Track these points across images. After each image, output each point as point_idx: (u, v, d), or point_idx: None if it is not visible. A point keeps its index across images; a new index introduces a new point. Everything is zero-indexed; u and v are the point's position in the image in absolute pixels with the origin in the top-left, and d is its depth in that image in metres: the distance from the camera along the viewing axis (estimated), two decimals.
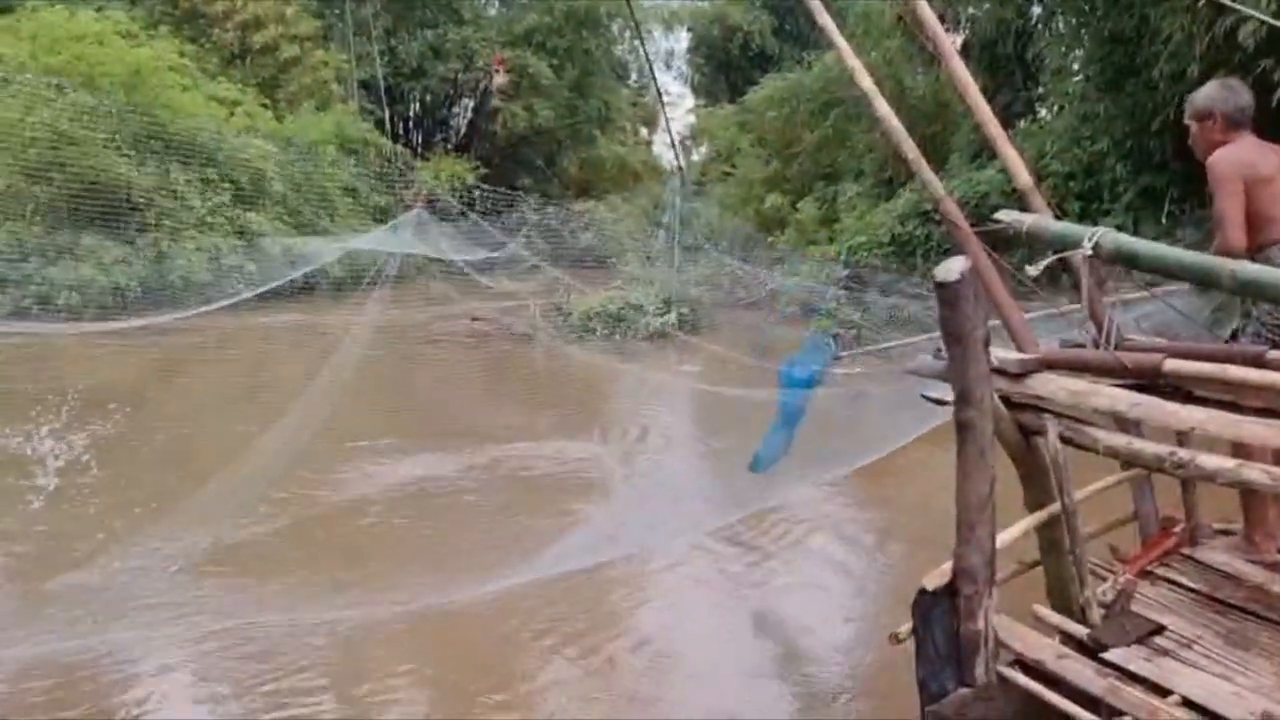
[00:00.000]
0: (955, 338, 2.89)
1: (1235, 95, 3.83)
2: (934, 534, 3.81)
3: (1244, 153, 3.69)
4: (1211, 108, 3.82)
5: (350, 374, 8.23)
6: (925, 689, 3.14)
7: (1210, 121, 3.82)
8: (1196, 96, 3.92)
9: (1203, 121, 3.86)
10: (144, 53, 18.58)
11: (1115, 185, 13.05)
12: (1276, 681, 2.88)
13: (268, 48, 26.19)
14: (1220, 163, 3.66)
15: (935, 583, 3.08)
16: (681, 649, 4.96)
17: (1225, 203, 3.59)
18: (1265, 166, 3.66)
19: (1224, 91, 3.85)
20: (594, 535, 6.26)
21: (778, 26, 34.92)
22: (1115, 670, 2.96)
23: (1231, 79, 4.06)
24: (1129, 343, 3.40)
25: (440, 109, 34.72)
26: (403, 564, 5.71)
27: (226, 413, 9.68)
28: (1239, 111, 3.79)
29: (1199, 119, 3.87)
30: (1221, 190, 3.61)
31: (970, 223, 3.56)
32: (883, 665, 4.31)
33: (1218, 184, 3.63)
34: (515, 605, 5.10)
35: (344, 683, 4.47)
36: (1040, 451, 3.23)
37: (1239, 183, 3.58)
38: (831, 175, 21.15)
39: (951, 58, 4.06)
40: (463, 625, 5.04)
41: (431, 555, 5.85)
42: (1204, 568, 3.74)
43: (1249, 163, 3.65)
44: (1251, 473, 2.56)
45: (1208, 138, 3.82)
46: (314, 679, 4.48)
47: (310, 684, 4.44)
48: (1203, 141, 3.85)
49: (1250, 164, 3.65)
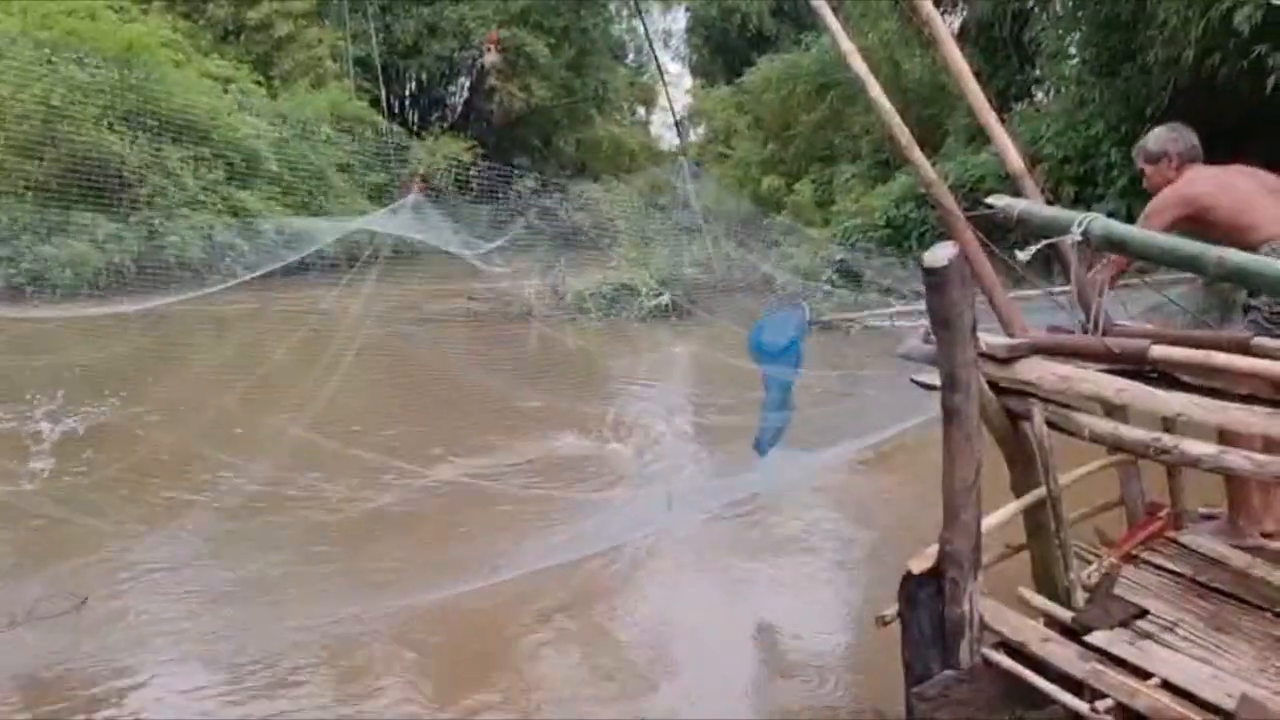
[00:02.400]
0: (942, 323, 2.90)
1: (1185, 136, 4.11)
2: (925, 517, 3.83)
3: (1190, 188, 3.95)
4: (1165, 149, 4.10)
5: (354, 361, 8.20)
6: (910, 671, 3.17)
7: (1165, 162, 4.09)
8: (1148, 142, 4.19)
9: (1157, 164, 4.12)
10: (136, 28, 18.51)
11: (1110, 170, 13.05)
12: (1256, 665, 2.91)
13: (262, 24, 26.07)
14: (1163, 196, 3.97)
15: (921, 566, 3.11)
16: (673, 630, 4.99)
17: (1144, 225, 3.79)
18: (1226, 185, 3.91)
19: (1174, 134, 4.13)
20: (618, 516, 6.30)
21: (776, 7, 34.79)
22: (1098, 653, 2.99)
23: (1175, 122, 4.30)
24: (1117, 328, 3.42)
25: (436, 87, 34.62)
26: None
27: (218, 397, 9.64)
28: (1190, 149, 4.08)
29: (1153, 161, 4.14)
30: (1151, 219, 3.89)
31: (966, 206, 3.59)
32: (870, 646, 4.34)
33: (1150, 214, 3.93)
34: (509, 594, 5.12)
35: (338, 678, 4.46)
36: (1026, 436, 3.25)
37: (1174, 216, 3.87)
38: (828, 157, 21.15)
39: (946, 42, 4.05)
40: (459, 618, 5.05)
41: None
42: (1188, 552, 3.77)
43: (1193, 197, 3.90)
44: (1234, 458, 2.59)
45: (1164, 178, 4.08)
46: (306, 675, 4.46)
47: (302, 679, 4.42)
48: (1159, 182, 4.10)
49: (1197, 194, 3.90)
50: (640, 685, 4.40)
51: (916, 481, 6.03)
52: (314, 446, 6.83)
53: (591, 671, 4.56)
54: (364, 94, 26.97)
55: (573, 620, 5.00)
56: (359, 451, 6.94)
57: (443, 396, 8.67)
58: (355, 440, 7.48)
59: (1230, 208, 3.83)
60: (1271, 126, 8.57)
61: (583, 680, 4.48)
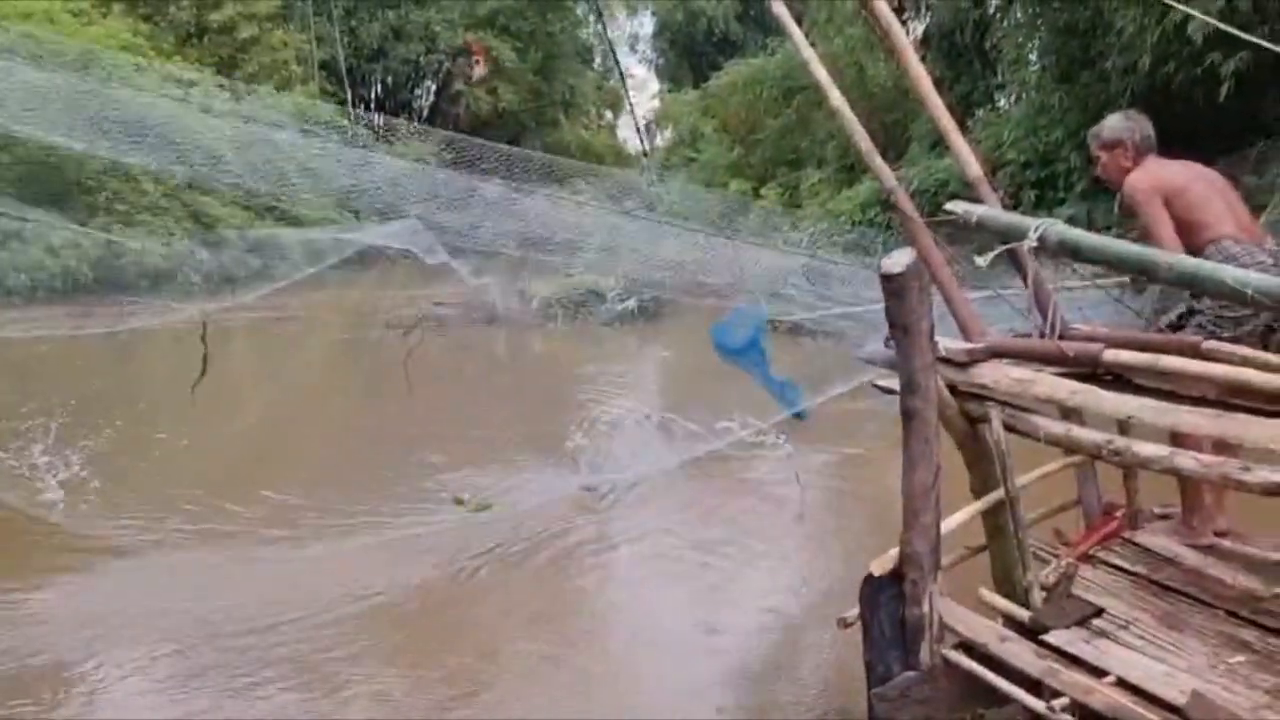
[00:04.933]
0: (901, 328, 2.94)
1: (1140, 125, 4.11)
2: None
3: (1157, 171, 3.96)
4: (1120, 137, 4.10)
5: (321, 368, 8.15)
6: (872, 671, 3.21)
7: (1120, 149, 4.09)
8: (1103, 129, 4.19)
9: (1112, 150, 4.12)
10: (96, 31, 18.24)
11: (1070, 174, 13.26)
12: (1207, 662, 2.97)
13: (225, 27, 25.79)
14: (1139, 186, 3.92)
15: (882, 569, 3.14)
16: (637, 627, 5.03)
17: (1154, 226, 3.83)
18: (1178, 179, 3.93)
19: (1129, 122, 4.14)
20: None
21: (741, 12, 34.99)
22: (1055, 652, 3.03)
23: (1131, 110, 4.34)
24: (1073, 332, 3.48)
25: (402, 91, 34.41)
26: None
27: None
28: (1145, 139, 4.07)
29: (1108, 148, 4.14)
30: (1146, 212, 3.87)
31: (930, 211, 3.64)
32: (832, 647, 4.38)
33: (1140, 207, 3.90)
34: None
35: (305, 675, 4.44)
36: (985, 439, 3.29)
37: (1159, 200, 3.84)
38: (795, 161, 21.27)
39: (906, 51, 4.10)
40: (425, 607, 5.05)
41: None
42: (1143, 551, 3.84)
43: (1163, 179, 3.91)
44: (1183, 460, 2.64)
45: (1118, 164, 4.08)
46: (273, 673, 4.44)
47: (270, 676, 4.40)
48: (1114, 169, 4.11)
49: (1164, 180, 3.91)
50: (598, 684, 4.41)
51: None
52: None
53: (552, 668, 4.58)
54: (329, 98, 26.74)
55: (537, 615, 5.02)
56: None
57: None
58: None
59: (1188, 202, 3.86)
60: (1224, 132, 8.75)
61: (536, 675, 4.49)
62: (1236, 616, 3.26)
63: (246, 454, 7.68)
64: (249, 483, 6.85)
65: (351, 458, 7.86)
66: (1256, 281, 2.61)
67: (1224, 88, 9.46)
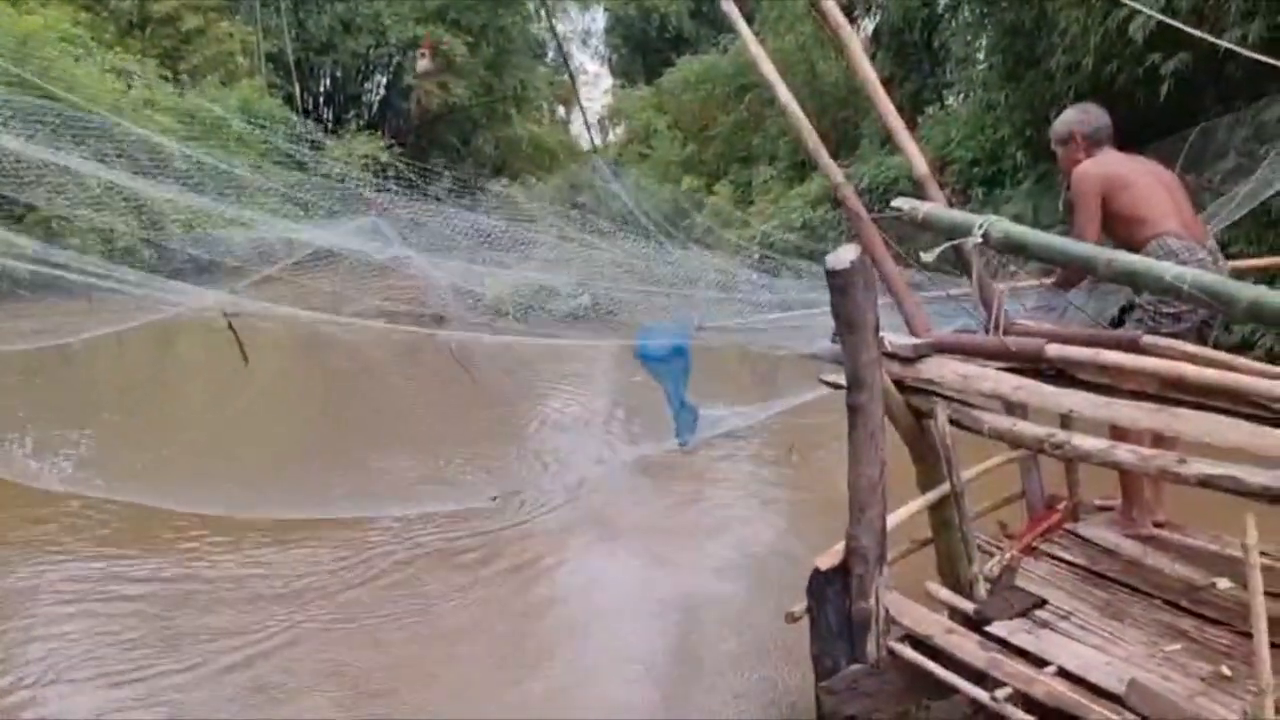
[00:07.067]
0: (847, 324, 2.96)
1: (1091, 117, 4.18)
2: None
3: (1105, 164, 4.03)
4: (1070, 130, 4.18)
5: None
6: (819, 665, 3.23)
7: (1072, 143, 4.17)
8: (1056, 124, 4.28)
9: (1065, 144, 4.21)
10: (33, 20, 17.76)
11: (1016, 172, 13.48)
12: (1146, 651, 3.04)
13: (169, 18, 25.27)
14: (1082, 177, 4.00)
15: (829, 563, 3.17)
16: (590, 617, 5.03)
17: (1081, 218, 3.95)
18: (1126, 173, 3.99)
19: (1080, 115, 4.22)
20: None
21: (695, 9, 35.08)
22: (998, 643, 3.08)
23: (1087, 103, 4.40)
24: (1017, 327, 3.52)
25: (352, 85, 34.00)
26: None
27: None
28: (1096, 131, 4.13)
29: (1062, 143, 4.23)
30: (1079, 204, 3.98)
31: (880, 208, 3.68)
32: (780, 640, 4.39)
33: (1077, 198, 4.00)
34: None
35: None
36: (931, 433, 3.33)
37: (1097, 195, 3.92)
38: (747, 158, 21.38)
39: (855, 50, 4.14)
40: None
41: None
42: (1084, 542, 3.92)
43: (1110, 172, 3.98)
44: (1121, 453, 2.69)
45: (1072, 157, 4.16)
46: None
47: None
48: (1068, 162, 4.19)
49: (1110, 173, 3.97)
50: (547, 677, 4.40)
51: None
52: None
53: (508, 651, 4.57)
54: (277, 91, 26.34)
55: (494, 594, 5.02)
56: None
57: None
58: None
59: (1132, 196, 3.93)
60: (1165, 131, 8.93)
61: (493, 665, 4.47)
62: (1174, 606, 3.34)
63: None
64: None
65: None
66: (1192, 277, 2.68)
67: (1164, 87, 9.66)
